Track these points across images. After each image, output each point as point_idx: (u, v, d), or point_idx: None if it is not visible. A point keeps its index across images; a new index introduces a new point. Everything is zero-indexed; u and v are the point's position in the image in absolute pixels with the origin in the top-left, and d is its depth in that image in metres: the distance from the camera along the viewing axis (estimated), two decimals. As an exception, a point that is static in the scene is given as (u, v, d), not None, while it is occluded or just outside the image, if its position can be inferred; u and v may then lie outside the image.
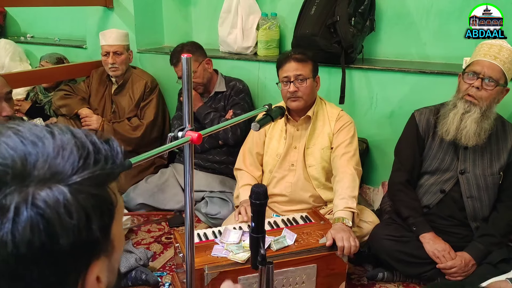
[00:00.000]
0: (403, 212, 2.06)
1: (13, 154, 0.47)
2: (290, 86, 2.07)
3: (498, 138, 1.98)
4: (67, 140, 0.51)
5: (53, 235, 0.46)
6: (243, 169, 2.29)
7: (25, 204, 0.45)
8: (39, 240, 0.45)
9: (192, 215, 1.25)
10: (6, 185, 0.46)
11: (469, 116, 1.88)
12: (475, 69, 1.87)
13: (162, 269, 2.20)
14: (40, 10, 4.14)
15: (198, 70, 2.61)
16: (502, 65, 1.84)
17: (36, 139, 0.49)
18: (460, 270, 1.91)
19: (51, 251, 0.46)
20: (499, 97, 1.90)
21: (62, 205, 0.47)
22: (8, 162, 0.47)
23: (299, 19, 2.55)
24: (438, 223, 2.04)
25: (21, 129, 0.50)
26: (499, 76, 1.84)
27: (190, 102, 1.16)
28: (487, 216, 2.00)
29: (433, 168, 2.05)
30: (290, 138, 2.19)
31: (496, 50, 1.86)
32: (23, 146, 0.48)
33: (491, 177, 1.96)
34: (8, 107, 1.80)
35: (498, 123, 1.98)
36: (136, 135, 2.90)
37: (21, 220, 0.45)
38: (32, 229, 0.45)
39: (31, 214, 0.45)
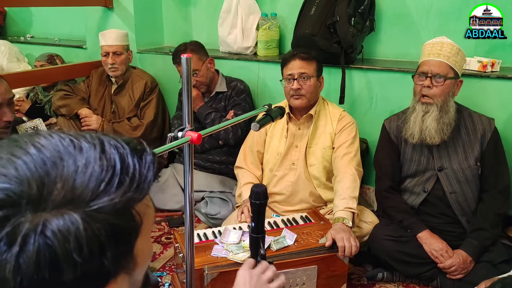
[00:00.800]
0: (395, 217, 2.09)
1: (30, 176, 0.44)
2: (294, 84, 2.09)
3: (468, 129, 2.01)
4: (93, 158, 0.47)
5: (57, 269, 0.43)
6: (244, 168, 2.30)
7: (34, 233, 0.42)
8: (42, 275, 0.42)
9: (192, 215, 1.25)
10: (20, 212, 0.43)
11: (429, 116, 1.95)
12: (423, 70, 1.97)
13: (162, 269, 2.20)
14: (40, 10, 4.14)
15: (201, 69, 2.61)
16: (446, 60, 1.92)
17: (58, 158, 0.46)
18: (459, 268, 1.92)
19: (53, 284, 0.43)
20: (453, 90, 1.97)
21: (72, 236, 0.43)
22: (24, 187, 0.44)
23: (299, 19, 2.55)
24: (430, 221, 2.06)
25: (46, 144, 0.47)
26: (446, 71, 1.92)
27: (190, 102, 1.16)
28: (474, 209, 2.02)
29: (412, 171, 2.09)
30: (291, 137, 2.20)
31: (438, 48, 1.94)
32: (43, 166, 0.45)
33: (468, 169, 1.99)
34: (9, 113, 1.81)
35: (466, 115, 2.03)
36: (136, 135, 2.90)
37: (27, 252, 0.42)
38: (37, 262, 0.42)
39: (38, 244, 0.42)
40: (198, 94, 2.64)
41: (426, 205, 2.07)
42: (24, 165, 0.44)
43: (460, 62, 1.96)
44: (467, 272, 1.93)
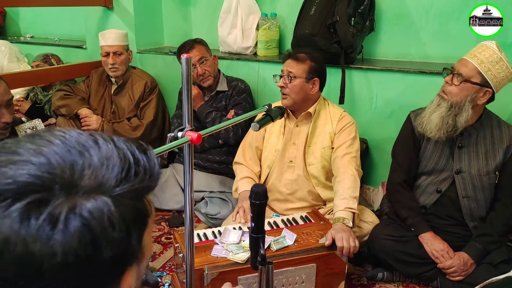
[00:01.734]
0: (402, 213, 2.07)
1: (62, 163, 0.48)
2: (279, 81, 2.13)
3: (494, 137, 1.98)
4: (111, 150, 0.51)
5: (97, 246, 0.47)
6: (243, 163, 2.30)
7: (73, 214, 0.46)
8: (85, 251, 0.46)
9: (192, 215, 1.25)
10: (55, 195, 0.46)
11: (437, 110, 1.93)
12: (453, 65, 1.92)
13: (162, 269, 2.20)
14: (40, 10, 4.14)
15: (209, 59, 2.63)
16: (478, 64, 1.84)
17: (83, 148, 0.50)
18: (459, 269, 1.92)
19: (95, 261, 0.47)
20: (474, 96, 1.87)
21: (106, 217, 0.47)
22: (57, 172, 0.47)
23: (298, 19, 2.55)
24: (436, 223, 2.05)
25: (68, 137, 0.51)
26: (470, 74, 1.85)
27: (190, 101, 1.16)
28: (484, 216, 2.01)
29: (429, 168, 2.06)
30: (288, 134, 2.20)
31: (479, 50, 1.88)
32: (70, 155, 0.49)
33: (486, 176, 1.96)
34: (7, 114, 1.81)
35: (494, 123, 1.99)
36: (136, 135, 2.90)
37: (70, 231, 0.45)
38: (80, 239, 0.45)
39: (78, 224, 0.46)
40: (199, 93, 2.65)
41: (436, 206, 2.05)
42: (53, 153, 0.48)
43: (496, 72, 1.83)
44: (467, 275, 1.93)
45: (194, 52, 2.58)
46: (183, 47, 2.64)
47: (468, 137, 1.99)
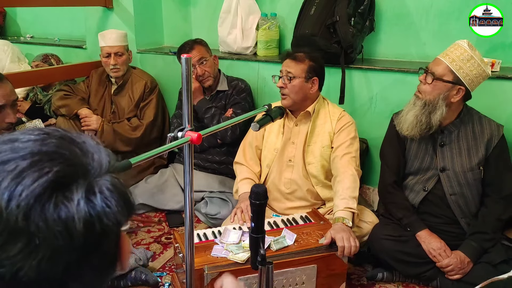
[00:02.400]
0: (396, 214, 2.08)
1: (87, 156, 0.59)
2: (279, 81, 2.13)
3: (475, 133, 2.00)
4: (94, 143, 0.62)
5: (126, 203, 0.58)
6: (243, 164, 2.30)
7: (102, 187, 0.56)
8: (119, 208, 0.57)
9: (192, 215, 1.25)
10: (85, 178, 0.56)
11: (413, 108, 1.97)
12: (428, 64, 1.96)
13: (162, 269, 2.20)
14: (40, 10, 4.14)
15: (209, 60, 2.63)
16: (449, 62, 1.88)
17: (84, 145, 0.60)
18: (456, 268, 1.92)
19: (129, 212, 0.59)
20: (448, 94, 1.90)
21: (122, 185, 0.59)
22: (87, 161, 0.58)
23: (298, 19, 2.55)
24: (430, 221, 2.06)
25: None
26: (442, 73, 1.89)
27: (190, 101, 1.16)
28: (474, 212, 2.02)
29: (415, 168, 2.08)
30: (288, 133, 2.20)
31: (451, 49, 1.91)
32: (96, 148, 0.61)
33: (470, 172, 1.98)
34: (12, 114, 1.83)
35: (475, 118, 2.01)
36: (136, 136, 2.90)
37: (107, 196, 0.56)
38: (114, 199, 0.56)
39: (109, 192, 0.56)
40: (199, 88, 2.64)
41: (426, 204, 2.07)
42: (77, 150, 0.58)
43: (468, 70, 1.86)
44: (465, 273, 1.93)
45: (194, 52, 2.58)
46: (183, 47, 2.64)
47: (449, 135, 2.01)
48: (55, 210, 0.51)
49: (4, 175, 0.51)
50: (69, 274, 0.53)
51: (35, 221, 0.50)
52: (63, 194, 0.52)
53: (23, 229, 0.50)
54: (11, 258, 0.49)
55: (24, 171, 0.51)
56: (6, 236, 0.50)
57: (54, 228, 0.50)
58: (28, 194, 0.50)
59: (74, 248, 0.52)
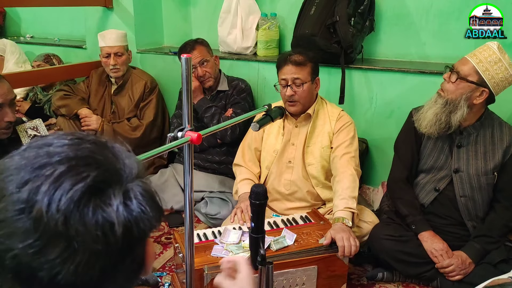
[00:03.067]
0: (402, 211, 2.07)
1: (119, 162, 0.60)
2: (287, 90, 2.08)
3: (494, 138, 1.98)
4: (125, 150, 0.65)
5: (156, 207, 0.60)
6: (242, 165, 2.30)
7: (135, 192, 0.58)
8: (150, 213, 0.58)
9: (192, 215, 1.25)
10: (120, 183, 0.57)
11: (434, 106, 1.94)
12: (453, 64, 1.93)
13: (162, 269, 2.20)
14: (40, 10, 4.14)
15: (210, 60, 2.62)
16: (476, 63, 1.85)
17: (118, 152, 0.62)
18: (457, 268, 1.92)
19: (158, 218, 0.61)
20: (471, 95, 1.87)
21: (152, 190, 0.61)
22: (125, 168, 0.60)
23: (298, 19, 2.55)
24: (435, 222, 2.05)
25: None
26: (468, 73, 1.86)
27: (190, 101, 1.16)
28: (482, 216, 2.01)
29: (428, 166, 2.06)
30: (288, 134, 2.20)
31: (480, 50, 1.88)
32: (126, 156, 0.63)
33: (484, 177, 1.96)
34: (11, 113, 1.83)
35: (496, 123, 1.99)
36: (136, 136, 2.90)
37: (140, 200, 0.58)
38: (146, 202, 0.58)
39: (141, 196, 0.58)
40: (199, 87, 2.63)
41: (434, 204, 2.06)
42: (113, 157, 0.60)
43: (494, 73, 1.82)
44: (466, 274, 1.93)
45: (195, 53, 2.58)
46: (184, 47, 2.64)
47: (467, 137, 1.99)
48: (93, 215, 0.52)
49: (43, 179, 0.52)
50: (104, 277, 0.54)
51: (74, 225, 0.51)
52: (100, 199, 0.53)
53: (62, 233, 0.50)
54: (50, 262, 0.50)
55: (62, 175, 0.52)
56: (46, 240, 0.50)
57: (93, 232, 0.51)
58: (67, 199, 0.51)
59: (111, 252, 0.53)
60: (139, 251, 0.59)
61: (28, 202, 0.51)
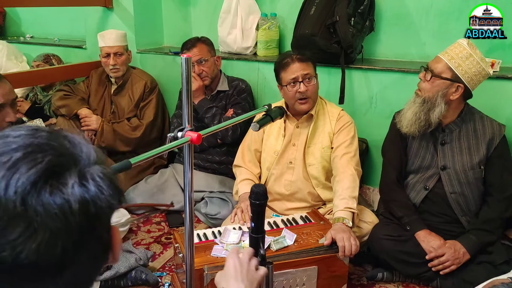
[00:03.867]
0: (397, 212, 2.08)
1: (76, 148, 0.61)
2: (301, 86, 2.07)
3: (477, 132, 2.00)
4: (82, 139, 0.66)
5: (115, 191, 0.60)
6: (242, 166, 2.30)
7: (93, 175, 0.59)
8: (108, 195, 0.59)
9: (192, 215, 1.25)
10: (76, 165, 0.59)
11: (413, 106, 1.98)
12: (427, 63, 1.97)
13: (162, 269, 2.20)
14: (40, 10, 4.14)
15: (210, 60, 2.62)
16: (448, 59, 1.89)
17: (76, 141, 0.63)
18: (451, 257, 1.91)
19: (117, 200, 0.61)
20: (447, 92, 1.91)
21: (111, 174, 0.61)
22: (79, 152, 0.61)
23: (298, 19, 2.55)
24: (430, 220, 2.06)
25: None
26: (441, 70, 1.91)
27: (190, 101, 1.16)
28: (475, 210, 2.02)
29: (416, 166, 2.09)
30: (289, 135, 2.20)
31: (452, 47, 1.93)
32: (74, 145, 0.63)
33: (471, 171, 1.98)
34: (12, 113, 1.83)
35: (477, 118, 2.02)
36: (136, 135, 2.90)
37: (97, 182, 0.58)
38: (105, 185, 0.59)
39: (99, 178, 0.59)
40: (201, 87, 2.63)
41: (426, 203, 2.08)
42: (68, 143, 0.62)
43: (467, 68, 1.86)
44: (459, 263, 1.92)
45: (194, 50, 2.59)
46: (186, 43, 2.65)
47: (450, 133, 2.01)
48: (51, 195, 0.54)
49: (0, 166, 0.54)
50: (66, 257, 0.55)
51: (33, 205, 0.53)
52: (57, 180, 0.55)
53: (21, 214, 0.52)
54: (12, 242, 0.52)
55: (18, 161, 0.55)
56: (6, 221, 0.52)
57: (51, 211, 0.53)
58: (24, 182, 0.53)
59: (70, 230, 0.55)
60: (102, 232, 0.61)
61: None
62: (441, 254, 1.93)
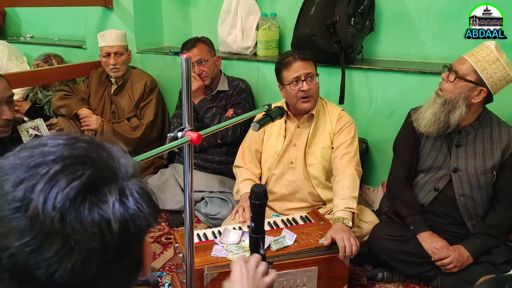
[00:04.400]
0: (402, 211, 2.07)
1: (114, 161, 0.60)
2: (304, 85, 2.07)
3: (493, 137, 1.98)
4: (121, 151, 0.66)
5: (151, 204, 0.60)
6: (243, 166, 2.30)
7: (131, 190, 0.58)
8: (145, 211, 0.58)
9: (192, 215, 1.25)
10: (116, 181, 0.57)
11: (432, 106, 1.95)
12: (452, 63, 1.94)
13: (162, 269, 2.20)
14: (40, 10, 4.14)
15: (210, 60, 2.63)
16: (474, 62, 1.85)
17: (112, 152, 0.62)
18: (455, 260, 1.91)
19: (154, 217, 0.60)
20: (469, 95, 1.88)
21: (147, 189, 0.61)
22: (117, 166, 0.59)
23: (298, 19, 2.55)
24: (435, 221, 2.06)
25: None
26: (466, 72, 1.87)
27: (190, 101, 1.16)
28: (482, 215, 2.01)
29: (427, 166, 2.07)
30: (290, 136, 2.20)
31: (478, 49, 1.89)
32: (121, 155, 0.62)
33: (483, 176, 1.97)
34: (8, 111, 1.82)
35: (494, 123, 2.00)
36: (136, 136, 2.90)
37: (136, 197, 0.58)
38: (143, 200, 0.59)
39: (137, 193, 0.58)
40: (201, 87, 2.63)
41: (434, 204, 2.06)
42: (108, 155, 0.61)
43: (492, 72, 1.83)
44: (462, 266, 1.92)
45: (194, 50, 2.59)
46: (186, 43, 2.65)
47: (466, 136, 1.99)
48: (90, 212, 0.52)
49: (38, 178, 0.52)
50: (101, 275, 0.53)
51: (71, 222, 0.50)
52: (96, 196, 0.53)
53: (58, 231, 0.50)
54: (47, 260, 0.50)
55: (57, 174, 0.52)
56: (43, 238, 0.50)
57: (89, 229, 0.51)
58: (63, 197, 0.51)
59: (107, 250, 0.53)
60: (136, 250, 0.59)
61: (24, 201, 0.51)
62: (445, 257, 1.92)
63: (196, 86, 2.58)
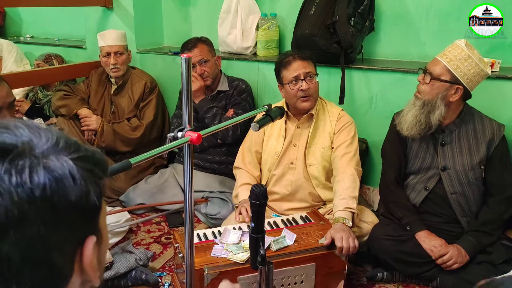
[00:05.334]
0: (397, 213, 2.09)
1: (21, 137, 0.54)
2: (303, 84, 2.08)
3: (477, 132, 2.00)
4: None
5: (64, 192, 0.53)
6: (242, 168, 2.30)
7: (38, 165, 0.52)
8: (52, 197, 0.52)
9: (192, 215, 1.25)
10: (18, 155, 0.52)
11: (412, 108, 1.98)
12: (426, 65, 1.97)
13: (162, 269, 2.20)
14: (40, 10, 4.14)
15: (211, 60, 2.63)
16: (447, 62, 1.89)
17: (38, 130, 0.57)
18: (455, 256, 1.92)
19: (60, 207, 0.53)
20: (446, 94, 1.91)
21: (67, 170, 0.54)
22: (18, 140, 0.54)
23: (298, 19, 2.55)
24: (430, 220, 2.07)
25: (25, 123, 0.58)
26: (440, 72, 1.91)
27: (190, 101, 1.16)
28: (475, 211, 2.02)
29: (416, 167, 2.09)
30: (290, 136, 2.20)
31: (449, 49, 1.92)
32: (30, 133, 0.55)
33: (472, 171, 1.98)
34: (9, 116, 1.82)
35: (477, 118, 2.02)
36: (136, 136, 2.90)
37: (52, 172, 0.52)
38: (55, 180, 0.52)
39: (44, 173, 0.52)
40: (202, 87, 2.63)
41: (427, 203, 2.08)
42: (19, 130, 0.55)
43: (466, 69, 1.87)
44: (461, 264, 1.93)
45: (195, 51, 2.59)
46: (186, 43, 2.65)
47: (449, 134, 2.02)
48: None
49: None
50: None
51: None
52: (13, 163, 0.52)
53: None
54: None
55: None
56: None
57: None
58: None
59: None
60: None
61: None
62: (445, 253, 1.93)
63: (197, 86, 2.58)
